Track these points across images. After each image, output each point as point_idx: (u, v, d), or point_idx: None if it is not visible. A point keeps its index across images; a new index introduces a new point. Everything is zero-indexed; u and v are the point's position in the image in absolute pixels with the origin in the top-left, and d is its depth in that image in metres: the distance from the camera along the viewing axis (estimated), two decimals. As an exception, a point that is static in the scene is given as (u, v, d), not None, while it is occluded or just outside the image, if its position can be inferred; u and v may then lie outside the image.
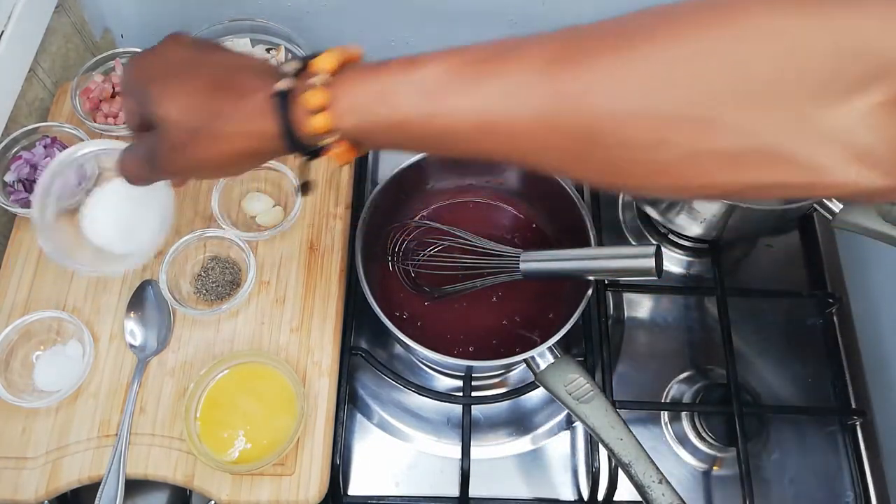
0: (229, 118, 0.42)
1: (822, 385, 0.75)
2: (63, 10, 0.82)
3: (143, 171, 0.47)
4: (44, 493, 0.62)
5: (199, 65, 0.44)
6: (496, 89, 0.35)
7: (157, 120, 0.43)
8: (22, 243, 0.72)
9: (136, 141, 0.47)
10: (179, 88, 0.43)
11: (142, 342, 0.68)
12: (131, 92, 0.45)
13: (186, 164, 0.44)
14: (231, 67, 0.44)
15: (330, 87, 0.39)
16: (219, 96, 0.42)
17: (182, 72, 0.44)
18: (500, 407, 0.74)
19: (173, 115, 0.42)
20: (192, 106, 0.42)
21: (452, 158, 0.73)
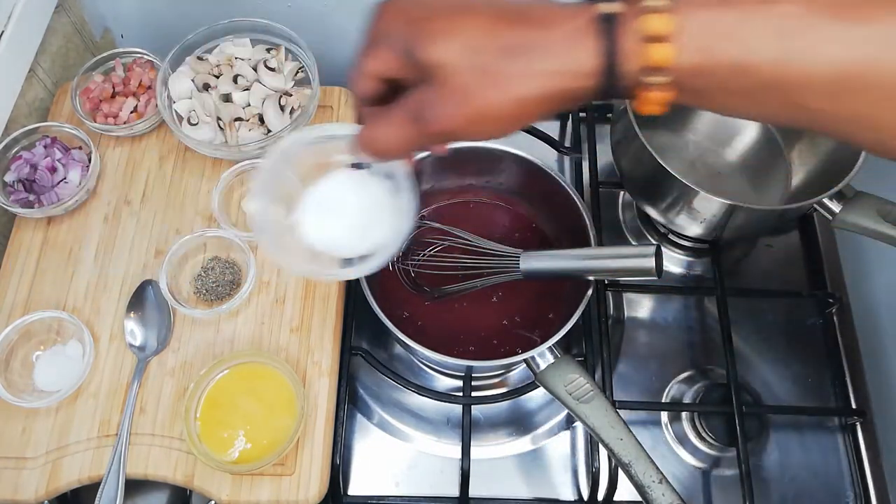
0: (531, 51, 0.34)
1: (822, 385, 0.75)
2: (63, 10, 0.82)
3: (404, 137, 0.38)
4: (44, 493, 0.62)
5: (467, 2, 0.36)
6: (872, 36, 0.31)
7: (429, 65, 0.35)
8: (22, 243, 0.72)
9: (383, 109, 0.39)
10: (458, 23, 0.35)
11: (142, 342, 0.68)
12: (385, 38, 0.38)
13: (469, 114, 0.36)
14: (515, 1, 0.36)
15: (673, 13, 0.32)
16: (513, 27, 0.35)
17: (456, 5, 0.36)
18: (500, 407, 0.74)
19: (453, 54, 0.35)
20: (477, 41, 0.35)
21: (452, 158, 0.73)
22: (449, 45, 0.35)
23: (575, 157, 0.83)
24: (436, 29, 0.35)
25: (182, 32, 0.77)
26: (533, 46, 0.34)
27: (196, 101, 0.75)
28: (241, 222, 0.74)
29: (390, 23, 0.38)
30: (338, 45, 0.95)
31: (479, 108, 0.35)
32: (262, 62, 0.76)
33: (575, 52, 0.33)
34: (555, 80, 0.34)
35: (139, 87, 0.78)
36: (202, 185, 0.76)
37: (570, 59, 0.34)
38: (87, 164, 0.74)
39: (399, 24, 0.37)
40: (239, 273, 0.71)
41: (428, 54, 0.35)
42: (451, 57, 0.35)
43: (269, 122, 0.74)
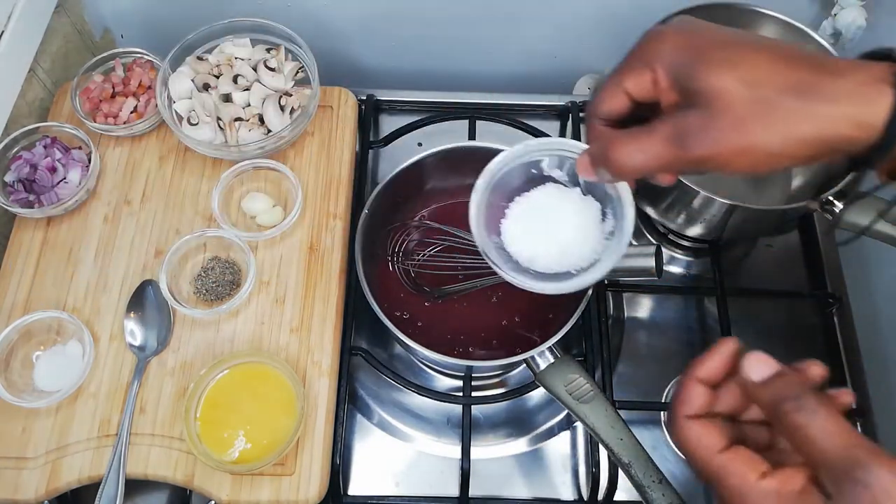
0: (816, 94, 0.35)
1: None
2: (63, 10, 0.82)
3: (658, 158, 0.39)
4: (44, 493, 0.62)
5: (756, 38, 0.38)
6: None
7: (706, 91, 0.36)
8: (22, 243, 0.72)
9: (637, 129, 0.40)
10: (743, 55, 0.36)
11: (142, 342, 0.68)
12: (656, 59, 0.39)
13: (739, 145, 0.36)
14: (794, 45, 0.38)
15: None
16: (800, 68, 0.35)
17: (742, 39, 0.38)
18: (500, 407, 0.74)
19: (735, 84, 0.36)
20: (761, 75, 0.36)
21: (452, 158, 0.73)
22: (731, 74, 0.36)
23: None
24: (719, 58, 0.36)
25: (182, 32, 0.77)
26: (819, 89, 0.35)
27: (196, 101, 0.75)
28: (241, 222, 0.74)
29: (666, 46, 0.39)
30: (338, 45, 0.95)
31: (750, 141, 0.36)
32: (262, 62, 0.76)
33: (864, 100, 0.34)
34: (836, 126, 0.34)
35: (139, 87, 0.78)
36: (202, 185, 0.76)
37: (858, 107, 0.34)
38: (87, 164, 0.74)
39: (677, 48, 0.38)
40: (239, 273, 0.71)
41: (708, 81, 0.36)
42: (731, 86, 0.35)
43: (269, 122, 0.74)
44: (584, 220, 0.50)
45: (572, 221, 0.50)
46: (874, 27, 0.78)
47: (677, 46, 0.39)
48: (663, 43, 0.39)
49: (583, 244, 0.50)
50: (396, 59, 0.97)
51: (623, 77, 0.41)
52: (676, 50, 0.38)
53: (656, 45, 0.40)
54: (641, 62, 0.40)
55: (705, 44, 0.38)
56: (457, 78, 1.00)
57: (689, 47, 0.38)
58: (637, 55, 0.41)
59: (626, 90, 0.41)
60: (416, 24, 0.92)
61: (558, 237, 0.50)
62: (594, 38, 0.93)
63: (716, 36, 0.38)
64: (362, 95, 0.86)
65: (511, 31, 0.92)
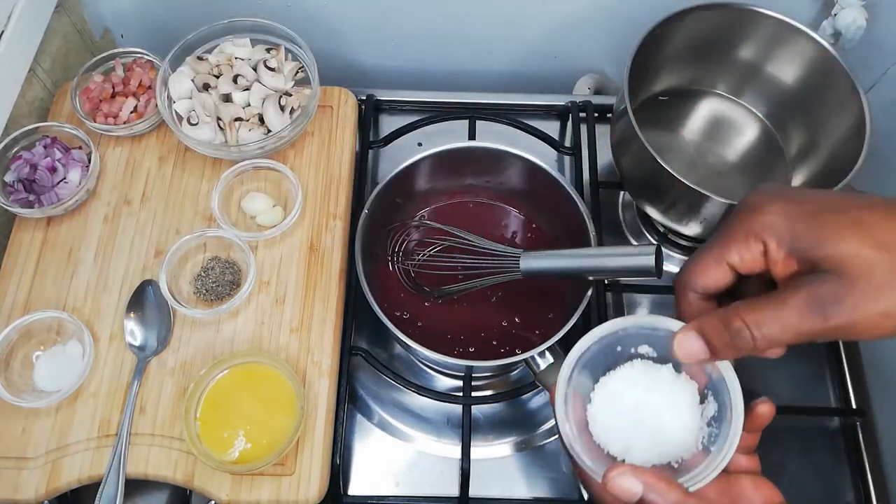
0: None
1: (822, 385, 0.75)
2: (63, 10, 0.83)
3: (798, 329, 0.38)
4: (44, 493, 0.62)
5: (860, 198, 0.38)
6: None
7: (834, 259, 0.36)
8: (22, 243, 0.72)
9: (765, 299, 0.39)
10: (861, 216, 0.37)
11: (142, 342, 0.68)
12: (765, 230, 0.39)
13: (885, 310, 0.36)
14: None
15: None
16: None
17: (850, 200, 0.38)
18: (500, 407, 0.74)
19: (864, 248, 0.36)
20: (889, 237, 0.36)
21: (452, 158, 0.73)
22: (859, 238, 0.36)
23: (575, 157, 0.83)
24: (839, 222, 0.36)
25: (182, 32, 0.77)
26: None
27: (196, 101, 0.75)
28: (241, 222, 0.74)
29: (775, 217, 0.38)
30: (338, 45, 0.95)
31: (893, 304, 0.36)
32: (262, 62, 0.76)
33: None
34: None
35: (139, 87, 0.78)
36: (202, 185, 0.76)
37: None
38: (86, 164, 0.74)
39: (788, 217, 0.38)
40: (239, 273, 0.71)
41: (836, 248, 0.36)
42: (863, 251, 0.36)
43: (269, 122, 0.74)
44: (680, 403, 0.45)
45: (667, 405, 0.45)
46: (874, 27, 0.78)
47: (788, 216, 0.38)
48: (770, 214, 0.39)
49: (682, 432, 0.44)
50: (396, 59, 0.97)
51: (727, 250, 0.41)
52: (788, 219, 0.38)
53: (762, 217, 0.39)
54: (748, 234, 0.40)
55: (818, 209, 0.38)
56: (457, 78, 1.00)
57: (801, 215, 0.38)
58: (741, 227, 0.40)
59: (732, 263, 0.41)
60: (415, 24, 0.92)
61: (653, 424, 0.45)
62: (594, 38, 0.93)
63: (823, 200, 0.38)
64: (362, 95, 0.86)
65: (511, 31, 0.92)
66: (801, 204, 0.39)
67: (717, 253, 0.41)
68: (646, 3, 0.76)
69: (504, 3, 0.88)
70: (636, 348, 0.48)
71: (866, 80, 0.82)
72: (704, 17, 0.75)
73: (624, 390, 0.46)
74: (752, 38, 0.77)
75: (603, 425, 0.46)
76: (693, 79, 0.83)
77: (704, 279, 0.42)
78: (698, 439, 0.45)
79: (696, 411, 0.45)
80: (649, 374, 0.46)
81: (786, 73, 0.78)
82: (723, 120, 0.83)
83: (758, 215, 0.39)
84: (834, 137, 0.73)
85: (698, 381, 0.46)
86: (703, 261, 0.41)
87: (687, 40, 0.77)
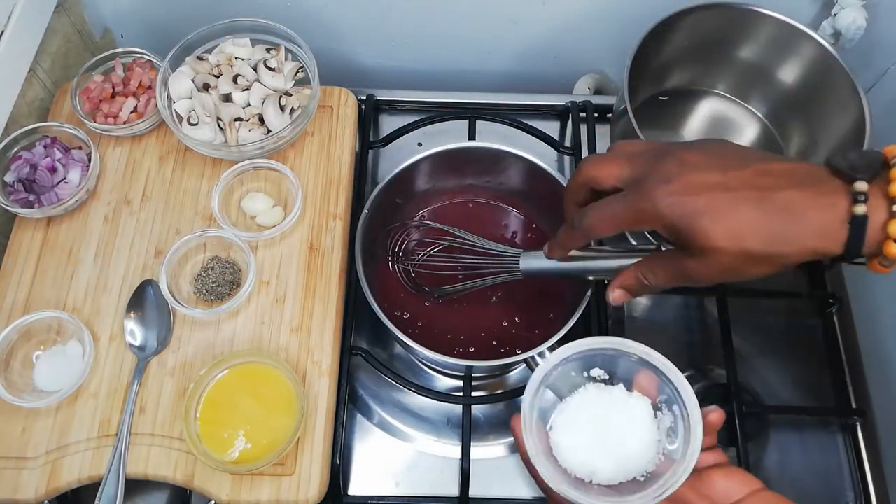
0: (787, 241, 0.44)
1: (822, 385, 0.75)
2: (63, 10, 0.82)
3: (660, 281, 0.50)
4: (44, 493, 0.62)
5: (735, 179, 0.45)
6: None
7: (699, 247, 0.45)
8: (22, 243, 0.72)
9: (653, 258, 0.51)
10: (729, 216, 0.44)
11: (142, 342, 0.68)
12: (658, 220, 0.47)
13: (725, 278, 0.47)
14: (771, 176, 0.44)
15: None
16: (775, 219, 0.43)
17: (723, 191, 0.44)
18: (500, 407, 0.74)
19: (725, 244, 0.44)
20: (745, 233, 0.44)
21: (452, 158, 0.73)
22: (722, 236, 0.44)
23: (575, 158, 0.83)
24: (711, 221, 0.44)
25: (182, 32, 0.77)
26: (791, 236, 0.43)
27: (196, 101, 0.75)
28: (241, 222, 0.74)
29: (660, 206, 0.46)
30: (338, 45, 0.95)
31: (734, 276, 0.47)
32: (262, 62, 0.76)
33: (824, 241, 0.43)
34: (802, 256, 0.44)
35: (139, 87, 0.78)
36: (202, 185, 0.76)
37: (819, 245, 0.43)
38: (87, 164, 0.74)
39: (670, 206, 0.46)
40: (239, 273, 0.71)
41: (704, 242, 0.45)
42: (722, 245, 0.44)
43: (269, 122, 0.74)
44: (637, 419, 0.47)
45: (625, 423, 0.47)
46: (874, 27, 0.78)
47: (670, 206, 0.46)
48: (657, 203, 0.46)
49: (643, 446, 0.46)
50: (396, 59, 0.97)
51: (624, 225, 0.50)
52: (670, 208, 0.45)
53: (651, 207, 0.47)
54: (641, 222, 0.48)
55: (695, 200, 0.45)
56: (457, 78, 1.00)
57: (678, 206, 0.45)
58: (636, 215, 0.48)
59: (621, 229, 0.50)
60: (415, 24, 0.92)
61: (614, 443, 0.47)
62: (594, 38, 0.93)
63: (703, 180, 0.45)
64: (362, 95, 0.86)
65: (511, 31, 0.92)
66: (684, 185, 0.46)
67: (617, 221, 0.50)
68: (646, 3, 0.76)
69: (504, 3, 0.88)
70: (588, 372, 0.51)
71: (866, 80, 0.82)
72: (704, 17, 0.75)
73: (581, 415, 0.48)
74: (753, 38, 0.77)
75: (566, 450, 0.47)
76: (693, 79, 0.83)
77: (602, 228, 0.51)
78: (659, 451, 0.47)
79: (653, 425, 0.47)
80: (603, 397, 0.48)
81: (786, 73, 0.78)
82: (723, 120, 0.83)
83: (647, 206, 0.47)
84: (834, 137, 0.73)
85: (649, 396, 0.48)
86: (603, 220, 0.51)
87: (687, 40, 0.77)
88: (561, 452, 0.48)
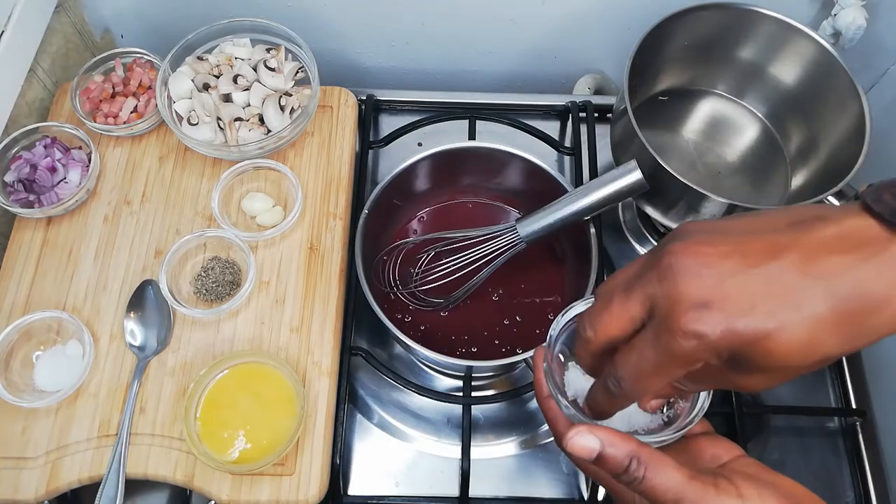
0: (868, 331, 0.34)
1: (822, 385, 0.75)
2: (63, 10, 0.82)
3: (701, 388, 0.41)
4: (44, 493, 0.62)
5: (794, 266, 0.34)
6: None
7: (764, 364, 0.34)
8: (22, 243, 0.72)
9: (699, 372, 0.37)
10: (799, 325, 0.33)
11: (142, 342, 0.68)
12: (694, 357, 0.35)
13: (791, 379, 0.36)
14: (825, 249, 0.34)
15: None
16: (849, 304, 0.33)
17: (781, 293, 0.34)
18: (500, 407, 0.74)
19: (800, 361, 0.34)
20: (821, 340, 0.33)
21: (452, 158, 0.73)
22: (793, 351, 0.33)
23: (575, 157, 0.83)
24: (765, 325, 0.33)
25: (182, 32, 0.77)
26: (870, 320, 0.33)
27: (196, 101, 0.75)
28: (241, 222, 0.74)
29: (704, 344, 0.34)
30: (338, 45, 0.95)
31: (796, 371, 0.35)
32: (262, 62, 0.76)
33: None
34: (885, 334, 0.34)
35: (139, 87, 0.78)
36: (202, 185, 0.76)
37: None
38: (87, 164, 0.74)
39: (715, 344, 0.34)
40: (239, 273, 0.71)
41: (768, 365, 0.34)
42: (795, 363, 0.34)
43: (269, 122, 0.74)
44: None
45: None
46: (874, 27, 0.78)
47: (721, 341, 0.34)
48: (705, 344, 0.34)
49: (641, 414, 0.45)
50: (396, 59, 0.97)
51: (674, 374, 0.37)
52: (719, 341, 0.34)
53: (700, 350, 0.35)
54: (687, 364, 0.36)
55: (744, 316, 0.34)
56: (457, 78, 1.00)
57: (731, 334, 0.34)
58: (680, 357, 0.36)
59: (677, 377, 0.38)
60: (415, 23, 0.92)
61: None
62: (594, 38, 0.93)
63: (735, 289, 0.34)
64: (362, 95, 0.86)
65: (511, 31, 0.92)
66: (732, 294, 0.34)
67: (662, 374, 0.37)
68: (646, 3, 0.76)
69: (504, 3, 0.88)
70: None
71: (866, 80, 0.82)
72: (704, 17, 0.75)
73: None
74: (752, 38, 0.77)
75: (577, 390, 0.47)
76: (693, 79, 0.83)
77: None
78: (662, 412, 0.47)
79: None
80: None
81: (786, 73, 0.78)
82: (723, 120, 0.83)
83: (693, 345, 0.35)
84: (834, 137, 0.73)
85: None
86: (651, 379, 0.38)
87: (687, 40, 0.77)
88: (571, 391, 0.47)
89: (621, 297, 0.38)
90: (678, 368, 0.36)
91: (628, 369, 0.38)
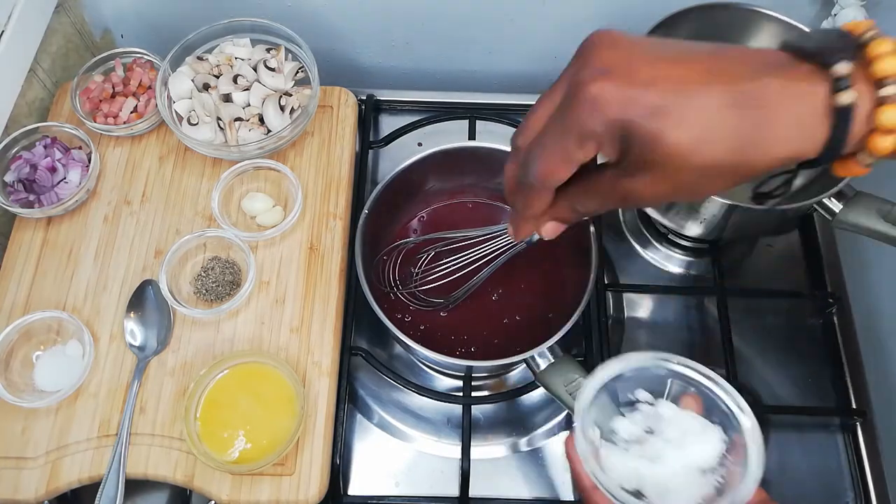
0: (759, 146, 0.33)
1: (822, 385, 0.75)
2: (63, 10, 0.82)
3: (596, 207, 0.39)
4: (44, 493, 0.62)
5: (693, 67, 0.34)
6: None
7: (649, 160, 0.34)
8: (22, 243, 0.72)
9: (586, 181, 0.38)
10: (690, 116, 0.33)
11: (142, 342, 0.68)
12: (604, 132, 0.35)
13: (672, 199, 0.36)
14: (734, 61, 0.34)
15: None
16: (743, 115, 0.33)
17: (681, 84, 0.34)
18: (500, 407, 0.74)
19: (685, 154, 0.33)
20: (710, 139, 0.33)
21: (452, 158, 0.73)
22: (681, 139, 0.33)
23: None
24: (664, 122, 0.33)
25: (182, 32, 0.77)
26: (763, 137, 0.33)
27: (196, 101, 0.75)
28: (241, 222, 0.74)
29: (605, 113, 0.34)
30: (338, 45, 0.95)
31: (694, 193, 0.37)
32: (262, 62, 0.76)
33: (802, 140, 0.34)
34: (776, 163, 0.34)
35: (139, 87, 0.78)
36: (202, 185, 0.76)
37: (797, 147, 0.34)
38: (86, 164, 0.74)
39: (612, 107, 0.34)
40: (239, 273, 0.71)
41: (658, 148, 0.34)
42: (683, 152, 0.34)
43: (269, 122, 0.74)
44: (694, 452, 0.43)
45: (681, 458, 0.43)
46: (874, 27, 0.78)
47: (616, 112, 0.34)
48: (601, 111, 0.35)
49: (693, 483, 0.43)
50: (396, 59, 0.97)
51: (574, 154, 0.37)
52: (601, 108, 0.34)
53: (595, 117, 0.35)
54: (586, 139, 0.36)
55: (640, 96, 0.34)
56: (457, 78, 1.00)
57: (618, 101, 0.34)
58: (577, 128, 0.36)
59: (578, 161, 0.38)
60: (415, 23, 0.92)
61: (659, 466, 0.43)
62: (594, 38, 0.93)
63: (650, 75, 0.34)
64: (362, 95, 0.86)
65: (511, 31, 0.92)
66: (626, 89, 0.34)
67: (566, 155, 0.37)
68: (646, 4, 0.76)
69: (504, 3, 0.88)
70: (633, 393, 0.48)
71: (866, 80, 0.81)
72: (704, 17, 0.75)
73: (640, 434, 0.45)
74: (753, 38, 0.77)
75: (620, 474, 0.44)
76: (693, 79, 0.83)
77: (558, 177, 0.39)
78: (713, 472, 0.44)
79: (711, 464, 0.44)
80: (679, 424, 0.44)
81: (786, 73, 0.77)
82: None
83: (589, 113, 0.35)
84: (834, 137, 0.73)
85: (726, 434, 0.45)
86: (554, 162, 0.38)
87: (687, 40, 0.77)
88: (614, 474, 0.44)
89: (548, 93, 0.40)
90: (576, 144, 0.36)
91: (536, 146, 0.38)
